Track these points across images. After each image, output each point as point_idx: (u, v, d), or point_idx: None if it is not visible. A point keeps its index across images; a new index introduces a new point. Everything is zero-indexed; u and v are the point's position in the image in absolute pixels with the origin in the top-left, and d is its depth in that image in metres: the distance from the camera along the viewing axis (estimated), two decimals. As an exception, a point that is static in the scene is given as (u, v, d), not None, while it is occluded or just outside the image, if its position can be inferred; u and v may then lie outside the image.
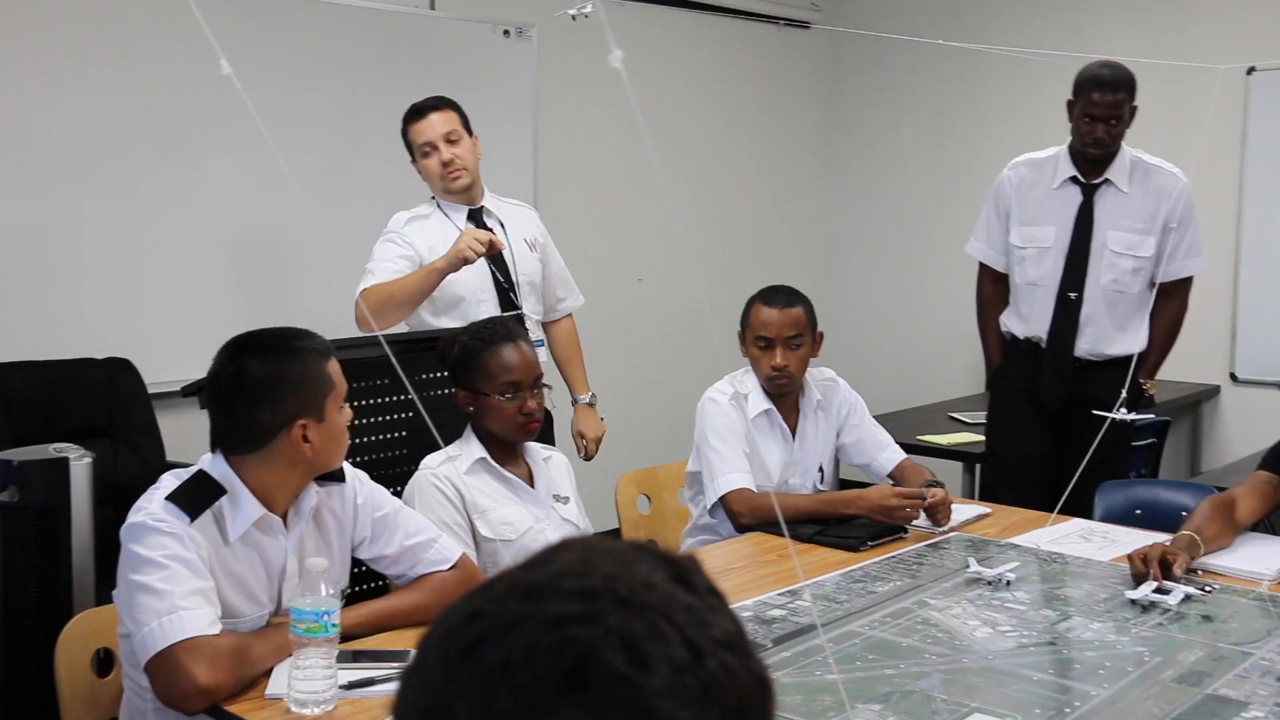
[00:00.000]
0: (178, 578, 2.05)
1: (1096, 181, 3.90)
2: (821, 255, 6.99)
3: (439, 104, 3.73)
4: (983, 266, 4.18)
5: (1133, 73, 3.83)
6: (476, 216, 3.78)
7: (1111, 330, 3.94)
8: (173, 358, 4.28)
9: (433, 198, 3.79)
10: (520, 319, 3.67)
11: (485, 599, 0.70)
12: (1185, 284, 4.00)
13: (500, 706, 0.65)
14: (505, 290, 3.74)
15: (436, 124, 3.68)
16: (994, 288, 4.16)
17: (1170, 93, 5.62)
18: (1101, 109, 3.77)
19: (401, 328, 3.76)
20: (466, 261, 3.44)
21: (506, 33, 5.33)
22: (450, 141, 3.70)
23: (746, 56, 6.53)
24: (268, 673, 2.10)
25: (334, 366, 2.25)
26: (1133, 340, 3.92)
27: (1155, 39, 5.76)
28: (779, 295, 3.33)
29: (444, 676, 0.68)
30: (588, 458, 4.00)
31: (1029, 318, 4.02)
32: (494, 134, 5.23)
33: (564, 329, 4.08)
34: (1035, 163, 4.03)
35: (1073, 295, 3.93)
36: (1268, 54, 5.46)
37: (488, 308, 3.66)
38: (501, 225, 3.80)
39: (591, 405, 4.04)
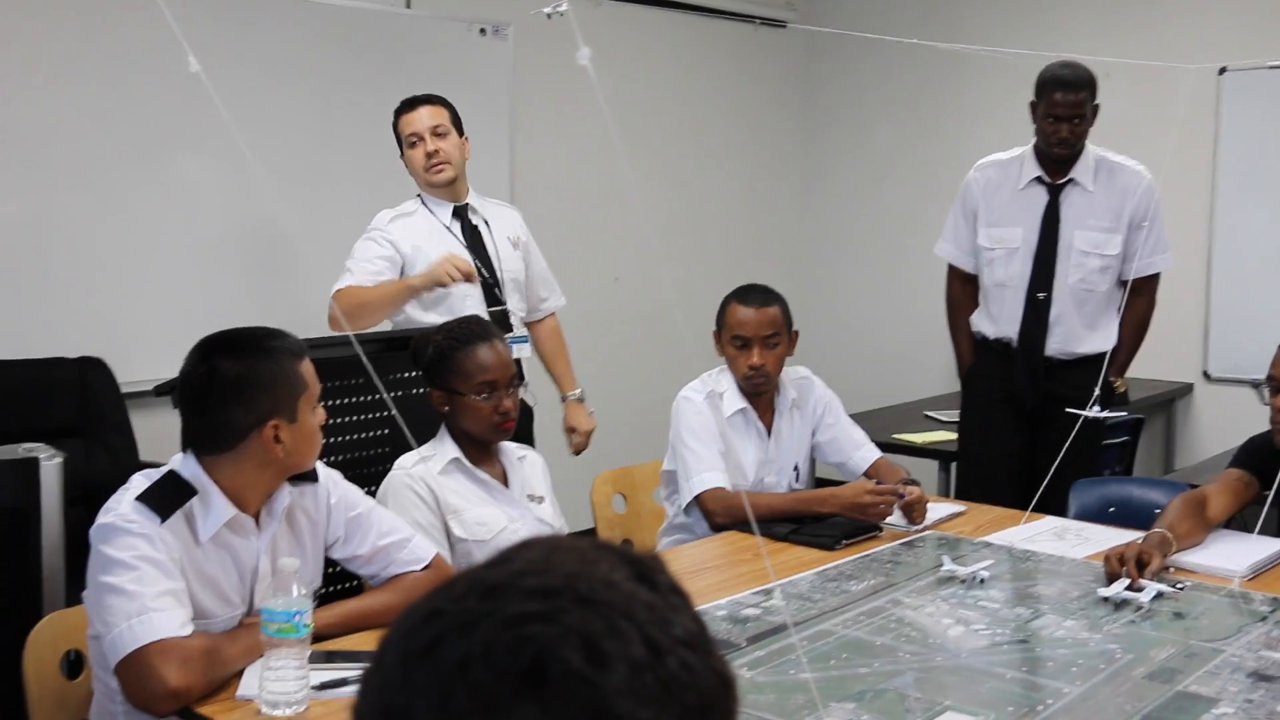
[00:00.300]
0: (148, 579, 2.03)
1: (1062, 181, 3.92)
2: (798, 254, 7.00)
3: (430, 99, 3.80)
4: (951, 267, 4.20)
5: (1093, 71, 3.85)
6: (461, 213, 3.82)
7: (1081, 329, 3.95)
8: (146, 356, 4.25)
9: (418, 195, 3.82)
10: (505, 315, 3.75)
11: (445, 598, 0.70)
12: (1153, 280, 4.02)
13: (458, 705, 0.64)
14: (490, 287, 3.78)
15: (424, 116, 3.75)
16: (963, 288, 4.17)
17: (1143, 93, 5.65)
18: (1064, 108, 3.79)
19: (383, 325, 3.77)
20: (441, 285, 3.49)
21: (483, 31, 5.32)
22: (437, 134, 3.74)
23: (723, 55, 6.53)
24: (239, 674, 2.09)
25: (307, 367, 2.23)
26: (1103, 338, 3.94)
27: (1128, 39, 5.79)
28: (755, 294, 3.33)
29: (403, 675, 0.67)
30: (577, 452, 4.07)
31: (999, 318, 4.04)
32: (470, 133, 5.22)
33: (548, 327, 4.13)
34: (1001, 164, 4.05)
35: (1041, 295, 3.95)
36: (1239, 54, 5.49)
37: (473, 303, 3.69)
38: (486, 223, 3.86)
39: (581, 400, 4.11)
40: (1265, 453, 2.95)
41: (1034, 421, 3.99)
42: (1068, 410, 3.34)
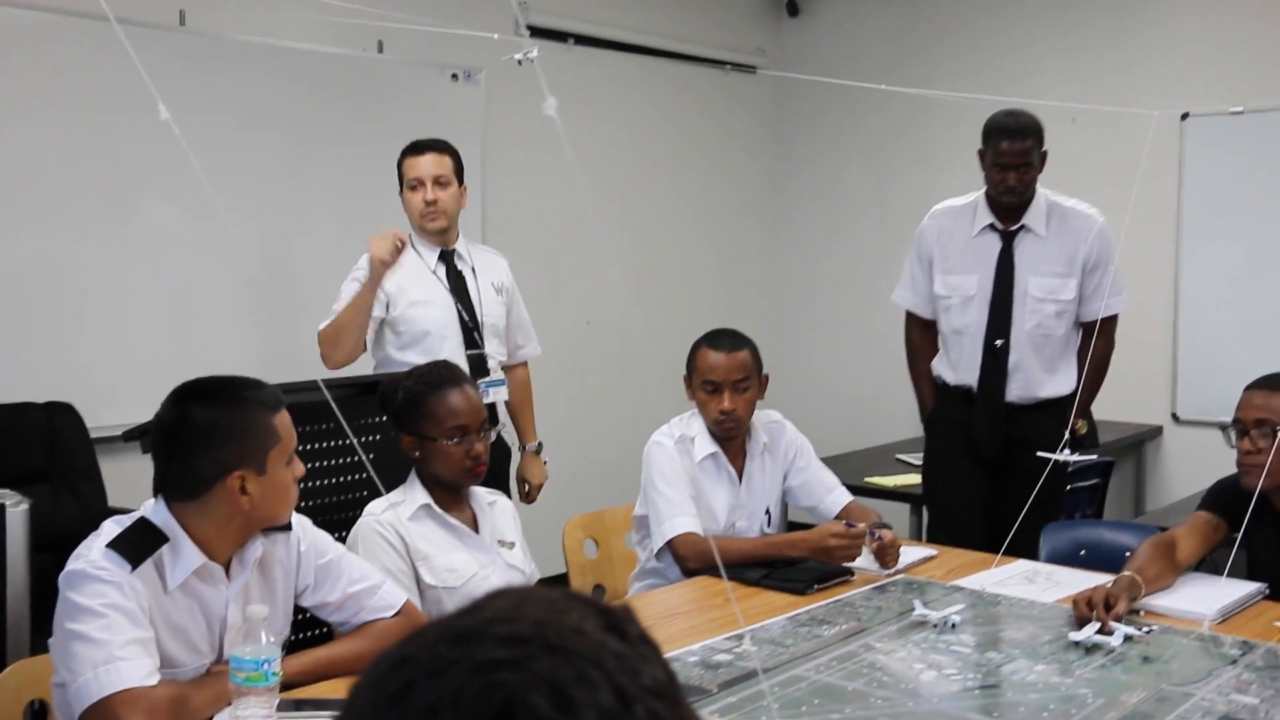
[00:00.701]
0: (116, 627, 2.01)
1: (1014, 228, 3.93)
2: (768, 297, 7.03)
3: (439, 146, 3.90)
4: (909, 314, 4.20)
5: (1037, 119, 3.87)
6: (448, 258, 3.91)
7: (1041, 373, 3.95)
8: (115, 402, 4.22)
9: (410, 236, 3.86)
10: (482, 359, 3.83)
11: (415, 645, 0.70)
12: (1110, 322, 4.01)
13: None
14: (470, 330, 3.85)
15: (429, 164, 3.85)
16: (922, 334, 4.18)
17: (1108, 137, 5.73)
18: (1010, 156, 3.81)
19: (365, 367, 3.82)
20: (384, 264, 3.54)
21: (455, 76, 5.35)
22: (438, 184, 3.84)
23: (694, 100, 6.58)
24: (207, 722, 2.07)
25: (282, 419, 2.21)
26: (1063, 381, 3.95)
27: (1094, 85, 5.86)
28: (725, 339, 3.33)
29: None
30: (529, 502, 4.14)
31: (958, 365, 4.04)
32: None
33: (519, 377, 4.20)
34: (954, 210, 4.06)
35: (999, 343, 3.94)
36: (1201, 101, 5.57)
37: (451, 345, 3.78)
38: (473, 270, 3.95)
39: (537, 454, 4.18)
40: (1233, 495, 2.97)
41: (996, 466, 3.98)
42: (1039, 454, 3.36)
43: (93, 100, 4.26)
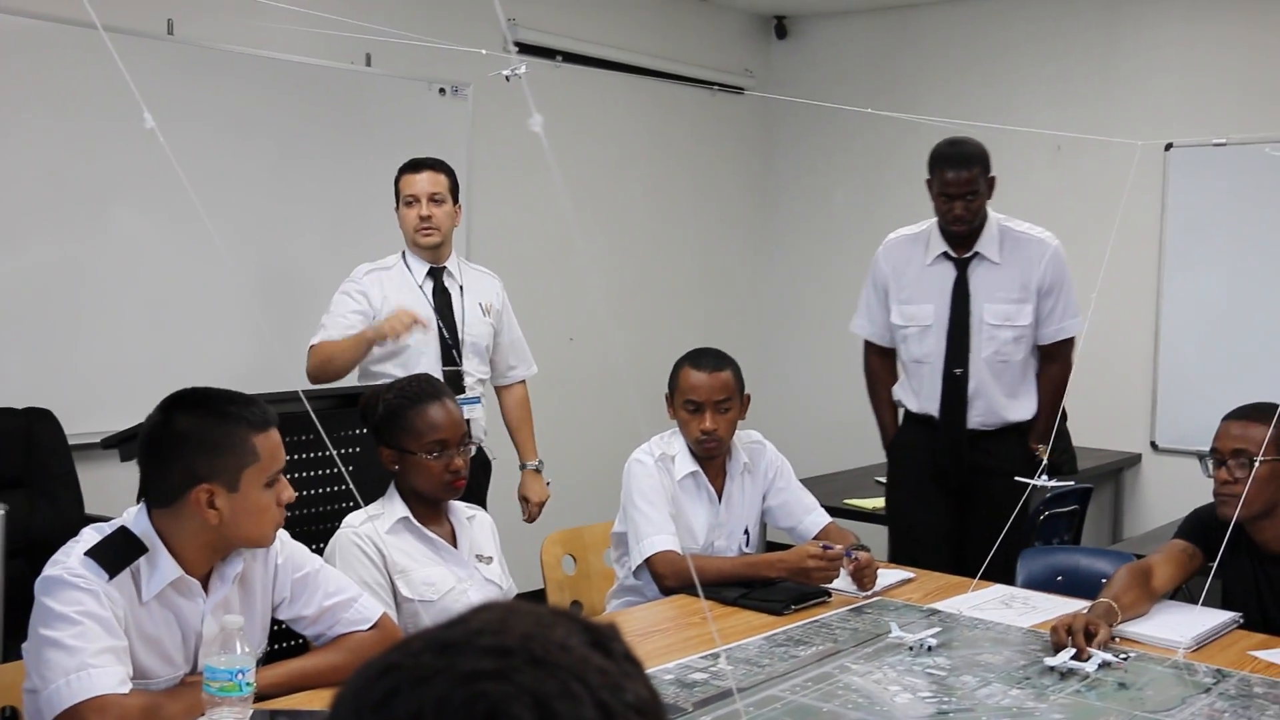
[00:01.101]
0: (90, 635, 2.00)
1: (968, 255, 3.93)
2: (751, 318, 7.04)
3: (436, 165, 3.97)
4: (868, 343, 4.21)
5: (982, 146, 3.87)
6: (437, 274, 3.97)
7: (1002, 399, 3.95)
8: (95, 409, 4.21)
9: (402, 251, 3.98)
10: (458, 376, 3.87)
11: (401, 653, 0.70)
12: (1066, 345, 3.98)
13: None
14: (449, 347, 3.90)
15: (425, 182, 3.91)
16: (881, 362, 4.18)
17: (1092, 166, 5.77)
18: (955, 186, 3.80)
19: (351, 377, 3.87)
20: (385, 338, 3.69)
21: (442, 91, 5.36)
22: (434, 201, 3.91)
23: (681, 120, 6.60)
24: (180, 733, 2.05)
25: (267, 440, 2.17)
26: (1024, 407, 3.95)
27: (1079, 114, 5.90)
28: (708, 358, 3.34)
29: None
30: (530, 520, 4.20)
31: (920, 393, 4.04)
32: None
33: (516, 395, 4.27)
34: (908, 239, 4.06)
35: (958, 371, 3.94)
36: (1185, 132, 5.61)
37: (428, 360, 3.83)
38: (460, 288, 4.00)
39: (538, 471, 4.24)
40: (1209, 524, 2.98)
41: (960, 493, 3.97)
42: (1017, 479, 3.36)
43: (79, 107, 4.25)
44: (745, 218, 7.02)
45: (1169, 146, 5.67)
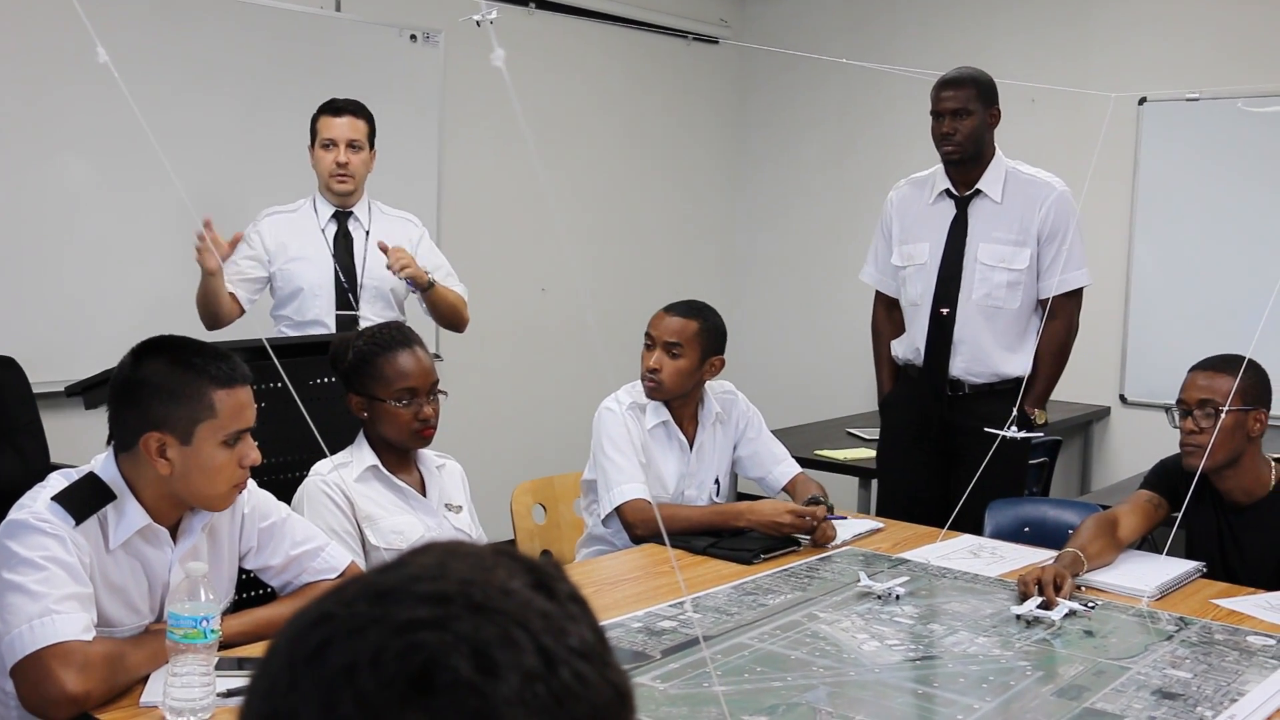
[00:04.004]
0: (55, 580, 1.98)
1: (969, 193, 3.85)
2: (725, 270, 7.03)
3: (357, 110, 3.90)
4: (878, 294, 4.12)
5: (986, 76, 3.81)
6: (342, 218, 3.93)
7: (994, 349, 3.83)
8: (59, 357, 4.17)
9: (313, 196, 3.95)
10: (354, 321, 3.80)
11: (335, 602, 0.68)
12: (1071, 301, 3.83)
13: (343, 712, 0.63)
14: (344, 291, 3.86)
15: (345, 127, 3.86)
16: (887, 314, 4.10)
17: (1066, 119, 5.76)
18: (945, 103, 3.75)
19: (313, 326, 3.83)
20: (205, 267, 3.59)
21: (413, 37, 5.29)
22: (351, 147, 3.86)
23: (655, 70, 6.55)
24: (144, 680, 2.04)
25: (229, 397, 2.12)
26: (1018, 363, 3.82)
27: (1053, 66, 5.88)
28: (681, 305, 3.35)
29: (288, 680, 0.66)
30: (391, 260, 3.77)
31: (910, 337, 3.95)
32: (399, 139, 5.20)
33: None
34: (916, 181, 4.00)
35: (944, 311, 3.84)
36: (1159, 86, 5.60)
37: (323, 304, 3.83)
38: (367, 233, 3.94)
39: (432, 284, 3.86)
40: (1175, 475, 3.00)
41: (949, 452, 3.88)
42: (987, 430, 3.37)
43: (28, 44, 4.15)
44: (719, 168, 6.99)
45: (1143, 101, 5.66)
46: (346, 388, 2.83)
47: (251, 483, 2.39)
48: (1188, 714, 2.08)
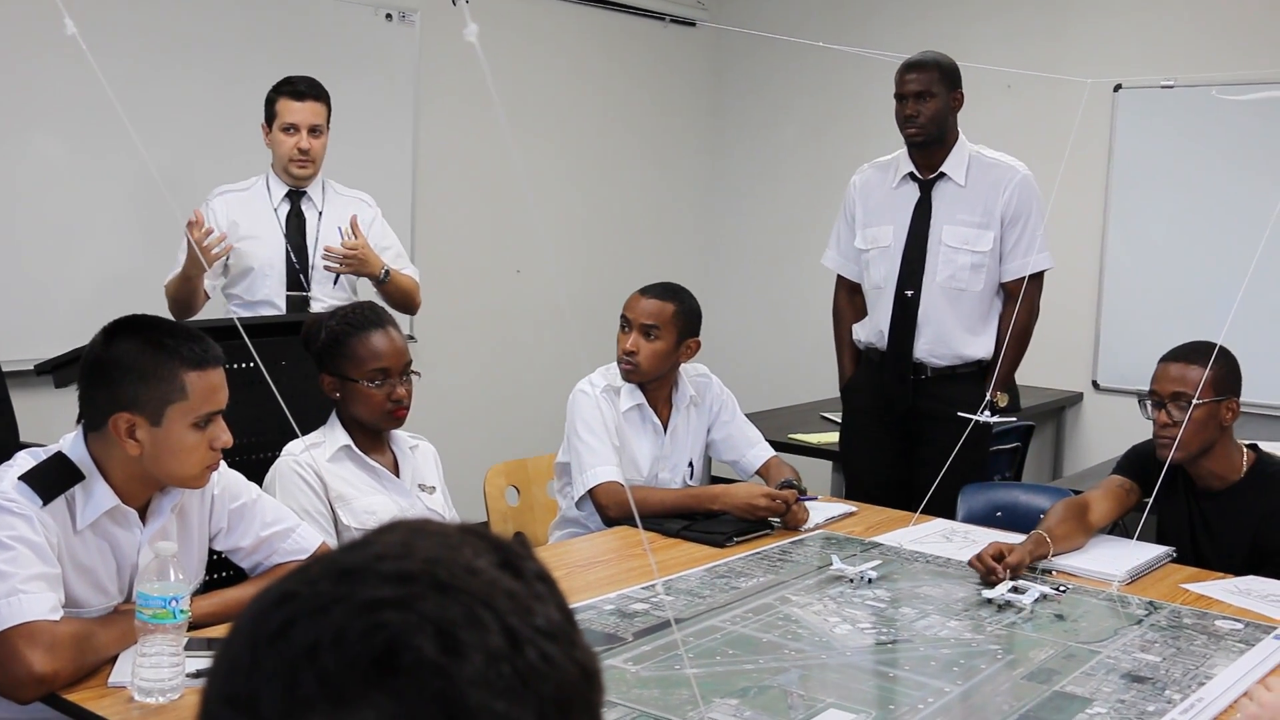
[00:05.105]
0: (22, 560, 1.97)
1: (932, 177, 3.85)
2: (700, 252, 7.02)
3: (318, 94, 3.88)
4: (839, 278, 4.13)
5: (950, 60, 3.82)
6: (295, 198, 3.92)
7: (958, 331, 3.83)
8: (27, 335, 4.13)
9: (266, 174, 3.93)
10: (305, 301, 3.81)
11: (299, 581, 0.67)
12: (1032, 285, 3.80)
13: (305, 693, 0.62)
14: (296, 272, 3.86)
15: (308, 112, 3.84)
16: (849, 299, 4.10)
17: (1041, 105, 5.77)
18: (908, 85, 3.77)
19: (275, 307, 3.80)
20: (202, 264, 3.60)
21: (389, 16, 5.25)
22: (313, 132, 3.85)
23: (632, 52, 6.53)
24: (112, 660, 2.03)
25: (201, 379, 2.10)
26: (980, 345, 3.84)
27: (1029, 52, 5.89)
28: (656, 287, 3.35)
29: (250, 660, 0.65)
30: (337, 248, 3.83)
31: (873, 321, 3.96)
32: (373, 119, 5.17)
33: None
34: (879, 165, 4.01)
35: (909, 293, 3.85)
36: (1134, 72, 5.61)
37: (273, 283, 3.83)
38: (320, 213, 3.93)
39: (387, 275, 3.88)
40: (1147, 461, 3.02)
41: (912, 437, 3.89)
42: (959, 414, 3.38)
43: None
44: (695, 151, 6.97)
45: (1118, 87, 5.67)
46: (319, 368, 2.82)
47: (222, 463, 2.37)
48: (1156, 697, 2.09)
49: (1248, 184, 5.36)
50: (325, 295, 3.86)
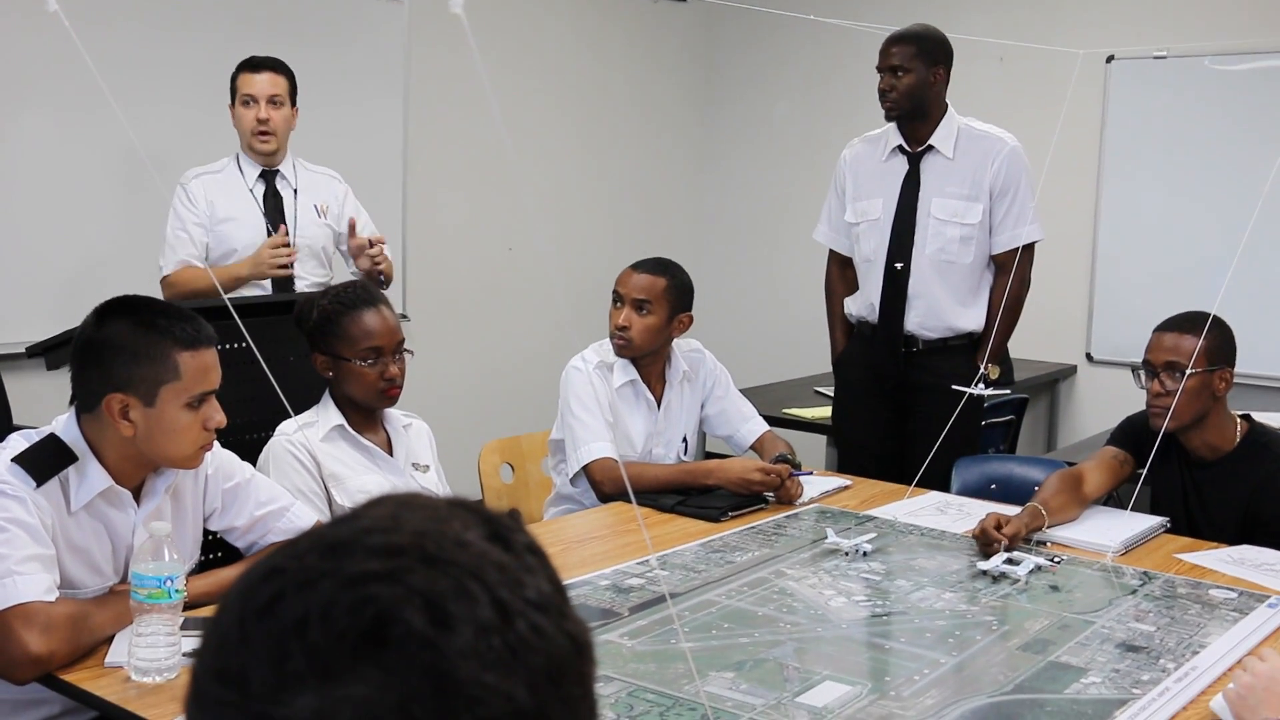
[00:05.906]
0: (16, 542, 1.97)
1: (920, 149, 3.85)
2: (693, 228, 7.00)
3: (276, 66, 3.87)
4: (831, 253, 4.12)
5: (936, 35, 3.82)
6: (269, 178, 3.91)
7: (949, 303, 3.83)
8: (19, 317, 4.12)
9: (236, 154, 3.91)
10: (289, 281, 3.79)
11: (287, 555, 0.67)
12: (1022, 256, 3.80)
13: (294, 666, 0.62)
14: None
15: (265, 83, 3.83)
16: (840, 273, 4.10)
17: (1034, 76, 5.75)
18: (887, 59, 3.78)
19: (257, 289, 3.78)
20: (265, 277, 3.70)
21: (378, -6, 5.22)
22: (272, 104, 3.83)
23: (623, 27, 6.49)
24: (108, 640, 2.03)
25: (193, 359, 2.10)
26: (972, 318, 3.85)
27: (1021, 23, 5.87)
28: (648, 262, 3.35)
29: (239, 635, 0.64)
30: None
31: (864, 294, 3.96)
32: (363, 98, 5.14)
33: None
34: (869, 139, 4.00)
35: (899, 266, 3.85)
36: (1127, 43, 5.60)
37: None
38: (295, 191, 3.92)
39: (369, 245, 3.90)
40: (1141, 432, 3.02)
41: (904, 409, 3.90)
42: (953, 387, 3.38)
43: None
44: (686, 127, 6.95)
45: (1110, 58, 5.65)
46: (311, 347, 2.81)
47: (216, 444, 2.37)
48: (1150, 666, 2.10)
49: (1241, 154, 5.35)
50: (307, 273, 3.86)
